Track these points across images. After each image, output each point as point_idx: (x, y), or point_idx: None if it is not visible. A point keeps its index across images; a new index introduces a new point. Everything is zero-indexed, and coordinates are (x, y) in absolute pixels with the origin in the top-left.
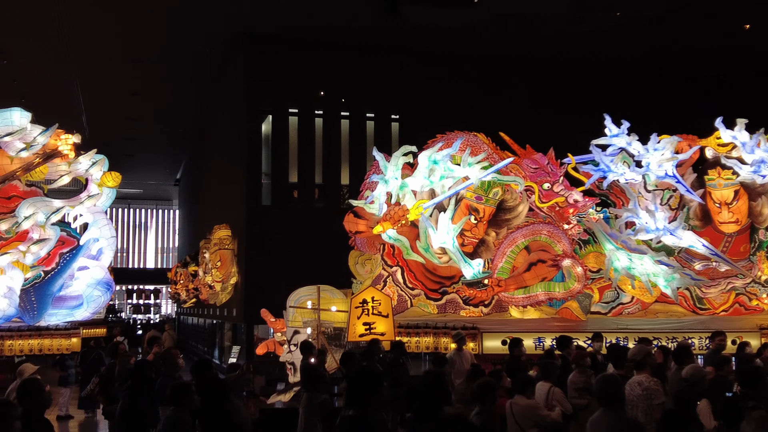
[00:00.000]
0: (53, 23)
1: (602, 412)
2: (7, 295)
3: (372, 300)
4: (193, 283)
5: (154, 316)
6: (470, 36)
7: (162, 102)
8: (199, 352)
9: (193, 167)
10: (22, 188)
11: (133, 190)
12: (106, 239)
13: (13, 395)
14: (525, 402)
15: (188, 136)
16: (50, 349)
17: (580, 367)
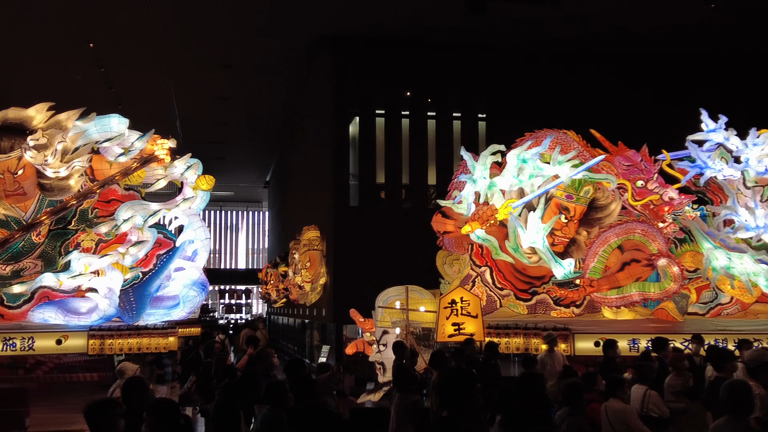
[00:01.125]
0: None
1: (729, 419)
2: (107, 296)
3: (461, 300)
4: (283, 284)
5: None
6: (558, 32)
7: (252, 106)
8: (289, 351)
9: (281, 169)
10: (120, 192)
11: (224, 192)
12: (200, 241)
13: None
14: (620, 406)
15: (277, 138)
16: (148, 348)
17: (678, 370)
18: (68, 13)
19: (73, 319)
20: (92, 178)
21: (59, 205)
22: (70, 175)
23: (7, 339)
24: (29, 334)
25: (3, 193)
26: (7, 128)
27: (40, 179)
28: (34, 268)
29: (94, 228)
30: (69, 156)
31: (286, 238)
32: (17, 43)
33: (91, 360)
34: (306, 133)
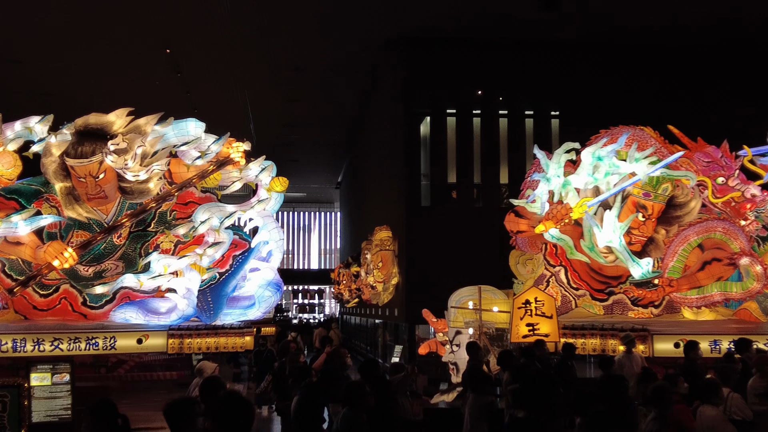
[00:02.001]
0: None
1: None
2: (186, 296)
3: (535, 300)
4: (356, 284)
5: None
6: (633, 25)
7: (323, 108)
8: (362, 351)
9: (353, 170)
10: (197, 194)
11: (297, 194)
12: (275, 242)
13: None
14: (714, 413)
15: (348, 140)
16: (225, 347)
17: (762, 372)
18: (147, 21)
19: (153, 318)
20: (170, 181)
21: (139, 208)
22: (150, 178)
23: (90, 338)
24: (111, 334)
25: (85, 196)
26: (88, 133)
27: (121, 183)
28: (115, 270)
29: (172, 230)
30: (148, 160)
31: (358, 238)
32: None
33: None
34: (377, 134)
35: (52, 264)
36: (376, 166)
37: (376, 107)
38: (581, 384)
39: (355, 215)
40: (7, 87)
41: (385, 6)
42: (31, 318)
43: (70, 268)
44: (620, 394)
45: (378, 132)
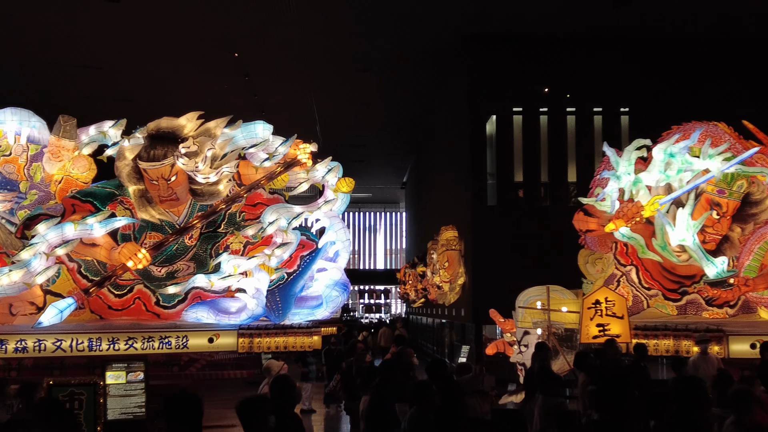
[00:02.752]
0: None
1: None
2: (255, 296)
3: (605, 300)
4: (422, 284)
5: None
6: (704, 19)
7: (388, 108)
8: (428, 351)
9: (418, 170)
10: (265, 196)
11: (363, 194)
12: (342, 242)
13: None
14: None
15: (414, 140)
16: (294, 347)
17: None
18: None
19: (224, 318)
20: (239, 183)
21: (209, 210)
22: (219, 180)
23: (163, 337)
24: (183, 333)
25: (158, 198)
26: (160, 137)
27: (192, 185)
28: (187, 270)
29: (241, 231)
30: (218, 162)
31: (423, 238)
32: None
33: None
34: (442, 134)
35: (126, 265)
36: (442, 166)
37: (441, 107)
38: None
39: (420, 215)
40: (82, 92)
41: (451, 5)
42: (107, 318)
43: (143, 269)
44: (697, 397)
45: (443, 131)
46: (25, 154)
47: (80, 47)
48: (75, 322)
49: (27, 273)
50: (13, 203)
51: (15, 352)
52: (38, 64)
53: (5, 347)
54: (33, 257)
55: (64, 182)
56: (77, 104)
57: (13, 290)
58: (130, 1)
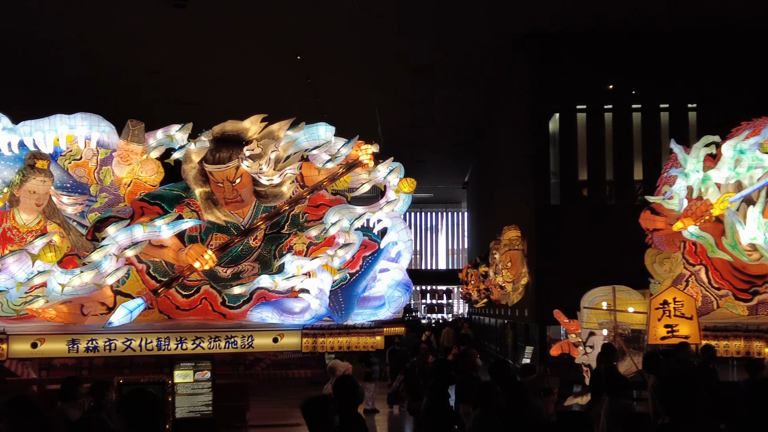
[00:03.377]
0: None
1: None
2: (318, 296)
3: (674, 301)
4: (484, 284)
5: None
6: None
7: (450, 108)
8: (491, 352)
9: (480, 169)
10: (328, 197)
11: (424, 194)
12: (403, 242)
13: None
14: None
15: (475, 139)
16: (357, 347)
17: None
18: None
19: (288, 318)
20: (302, 185)
21: (273, 211)
22: (283, 182)
23: (229, 337)
24: (249, 333)
25: (223, 200)
26: (225, 140)
27: (256, 187)
28: (251, 271)
29: (304, 232)
30: (281, 164)
31: (485, 238)
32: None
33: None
34: (504, 133)
35: (193, 266)
36: (504, 165)
37: (504, 105)
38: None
39: (482, 215)
40: (149, 97)
41: (512, 3)
42: (174, 317)
43: (209, 270)
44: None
45: (505, 130)
46: (95, 158)
47: (147, 53)
48: (144, 322)
49: (98, 274)
50: (83, 206)
51: (86, 351)
52: (107, 69)
53: (77, 347)
54: (103, 259)
55: (132, 185)
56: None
57: (84, 291)
58: (195, 6)
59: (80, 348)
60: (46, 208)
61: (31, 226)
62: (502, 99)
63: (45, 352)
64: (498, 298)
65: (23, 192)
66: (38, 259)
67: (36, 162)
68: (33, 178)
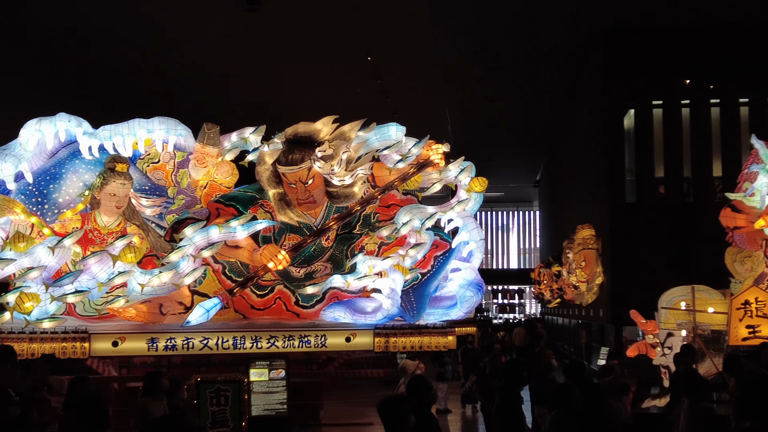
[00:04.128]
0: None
1: None
2: (390, 296)
3: (755, 301)
4: (557, 284)
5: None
6: None
7: (520, 106)
8: (565, 352)
9: (551, 167)
10: (399, 197)
11: (494, 193)
12: (475, 242)
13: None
14: None
15: (547, 137)
16: (429, 347)
17: None
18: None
19: (360, 318)
20: (373, 185)
21: (345, 211)
22: (354, 182)
23: (302, 336)
24: (322, 332)
25: (296, 201)
26: (298, 141)
27: (328, 187)
28: (324, 271)
29: (376, 232)
30: (353, 165)
31: (558, 237)
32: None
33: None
34: (577, 130)
35: (267, 266)
36: (577, 163)
37: (576, 102)
38: None
39: (555, 213)
40: (222, 99)
41: None
42: (249, 317)
43: (283, 270)
44: None
45: (578, 127)
46: (173, 161)
47: (221, 56)
48: (220, 321)
49: (176, 274)
50: (162, 208)
51: (165, 349)
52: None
53: (156, 345)
54: (181, 259)
55: (208, 187)
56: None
57: (163, 291)
58: (268, 9)
59: (159, 346)
60: (125, 210)
61: (112, 228)
62: (575, 95)
63: (125, 351)
64: (572, 298)
65: (104, 195)
66: (119, 260)
67: (116, 165)
68: (113, 181)
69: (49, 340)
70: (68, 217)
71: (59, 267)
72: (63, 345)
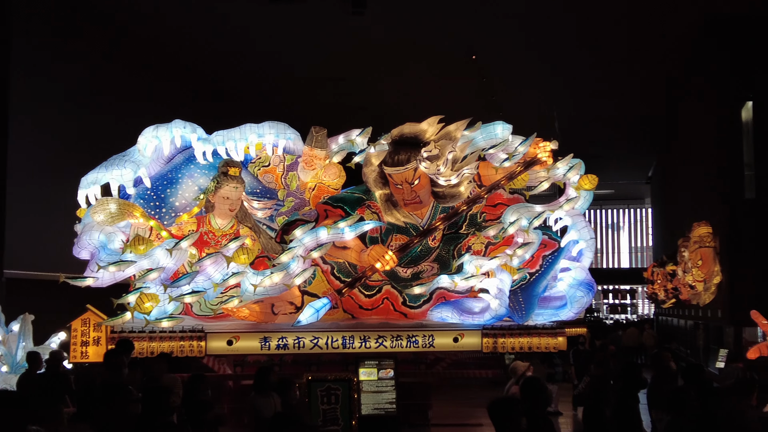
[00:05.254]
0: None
1: None
2: (498, 296)
3: None
4: (672, 283)
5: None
6: None
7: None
8: (680, 355)
9: (665, 163)
10: (506, 196)
11: (603, 191)
12: (585, 241)
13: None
14: None
15: (659, 132)
16: (538, 348)
17: None
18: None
19: (468, 318)
20: (480, 184)
21: (451, 211)
22: (460, 182)
23: (410, 336)
24: (429, 332)
25: (402, 202)
26: (403, 142)
27: (434, 188)
28: (431, 271)
29: (483, 231)
30: (458, 164)
31: (672, 235)
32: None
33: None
34: (691, 123)
35: (375, 266)
36: (692, 157)
37: (688, 95)
38: None
39: (668, 210)
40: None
41: None
42: (358, 317)
43: (390, 270)
44: None
45: (693, 120)
46: (282, 164)
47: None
48: (329, 321)
49: (286, 275)
50: (272, 210)
51: (277, 348)
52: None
53: (269, 344)
54: (291, 260)
55: (317, 189)
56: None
57: (274, 291)
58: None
59: (271, 345)
60: (238, 212)
61: (225, 230)
62: (688, 88)
63: (239, 349)
64: (688, 298)
65: (217, 198)
66: (232, 261)
67: (229, 169)
68: (226, 185)
69: (167, 338)
70: (184, 220)
71: (177, 268)
72: (181, 344)
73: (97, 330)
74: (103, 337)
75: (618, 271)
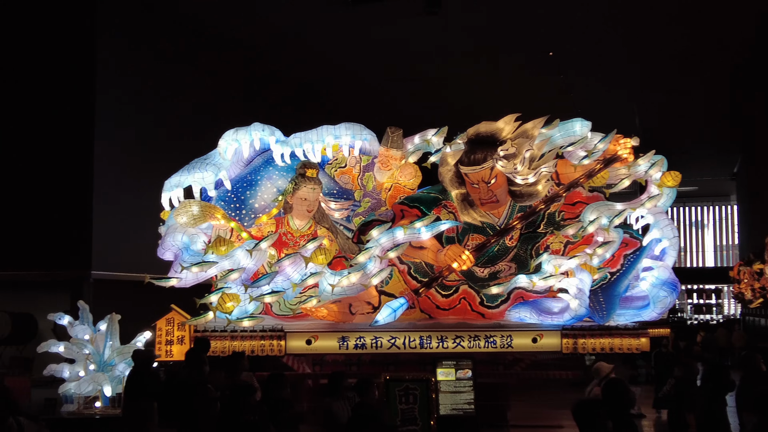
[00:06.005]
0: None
1: None
2: (577, 296)
3: None
4: (759, 282)
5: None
6: None
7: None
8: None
9: (750, 159)
10: (585, 194)
11: (687, 188)
12: (668, 239)
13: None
14: None
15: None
16: (620, 348)
17: None
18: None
19: (547, 318)
20: (558, 183)
21: (528, 210)
22: (538, 181)
23: (488, 337)
24: (508, 333)
25: (478, 201)
26: (479, 141)
27: (510, 186)
28: (508, 271)
29: (561, 230)
30: (536, 163)
31: (759, 232)
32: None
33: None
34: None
35: (451, 266)
36: None
37: None
38: None
39: (755, 207)
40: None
41: None
42: (435, 317)
43: (467, 270)
44: None
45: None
46: (358, 165)
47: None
48: (407, 320)
49: (363, 275)
50: (349, 211)
51: (355, 348)
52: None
53: (347, 343)
54: (368, 260)
55: (393, 189)
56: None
57: (352, 291)
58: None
59: (350, 345)
60: (316, 213)
61: (303, 231)
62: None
63: (318, 349)
64: None
65: (295, 199)
66: (310, 262)
67: (306, 171)
68: (304, 186)
69: (248, 338)
70: (264, 221)
71: (257, 269)
72: (261, 343)
73: (181, 329)
74: (186, 336)
75: (703, 270)
